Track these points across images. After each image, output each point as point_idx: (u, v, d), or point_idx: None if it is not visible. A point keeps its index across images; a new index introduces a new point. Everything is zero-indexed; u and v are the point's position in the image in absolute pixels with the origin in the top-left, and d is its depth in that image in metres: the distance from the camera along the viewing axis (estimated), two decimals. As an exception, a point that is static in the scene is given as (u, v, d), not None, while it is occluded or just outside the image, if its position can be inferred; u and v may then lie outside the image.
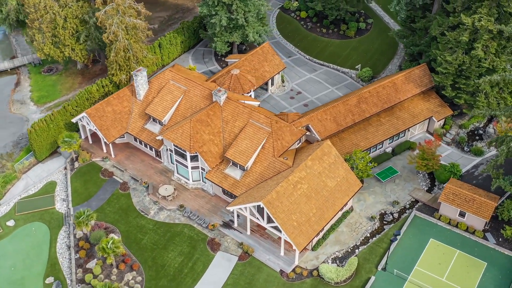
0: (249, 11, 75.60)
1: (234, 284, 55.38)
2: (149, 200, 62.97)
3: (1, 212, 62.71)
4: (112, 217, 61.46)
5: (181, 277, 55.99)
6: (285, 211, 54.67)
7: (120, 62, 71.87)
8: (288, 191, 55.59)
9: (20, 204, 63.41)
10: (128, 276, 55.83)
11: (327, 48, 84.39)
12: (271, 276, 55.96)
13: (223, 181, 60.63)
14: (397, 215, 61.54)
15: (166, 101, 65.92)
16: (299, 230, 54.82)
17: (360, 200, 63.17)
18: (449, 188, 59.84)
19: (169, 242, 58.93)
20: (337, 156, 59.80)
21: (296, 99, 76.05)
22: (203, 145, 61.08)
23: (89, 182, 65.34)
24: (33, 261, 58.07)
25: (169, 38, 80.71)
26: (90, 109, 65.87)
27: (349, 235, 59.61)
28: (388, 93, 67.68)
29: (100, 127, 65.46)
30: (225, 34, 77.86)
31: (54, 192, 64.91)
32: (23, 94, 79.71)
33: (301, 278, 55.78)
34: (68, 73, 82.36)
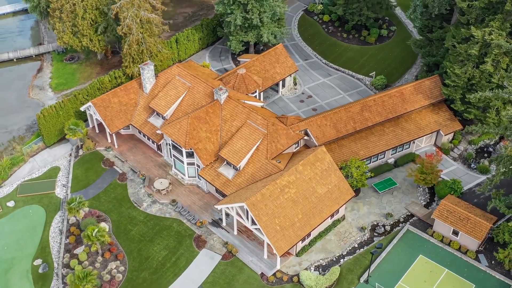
0: (264, 12, 75.45)
1: (213, 282, 55.55)
2: (144, 193, 63.88)
3: (4, 193, 64.86)
4: (106, 206, 62.68)
5: (162, 270, 56.59)
6: (268, 214, 54.42)
7: (134, 55, 73.12)
8: (274, 194, 55.29)
9: (22, 186, 65.45)
10: (112, 265, 56.86)
11: (345, 53, 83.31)
12: (252, 278, 55.85)
13: (215, 179, 60.86)
14: (389, 227, 60.23)
15: (170, 96, 66.65)
16: (281, 235, 54.46)
17: (354, 209, 62.17)
18: (444, 204, 58.16)
19: (157, 235, 59.63)
20: (330, 163, 59.04)
21: (306, 102, 75.46)
22: (199, 142, 61.46)
23: (90, 170, 66.83)
24: (26, 242, 59.86)
25: (187, 34, 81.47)
26: (96, 99, 67.32)
27: (337, 244, 58.78)
28: (394, 103, 66.26)
29: (104, 117, 66.82)
30: (240, 33, 78.00)
31: (56, 177, 66.68)
32: (43, 80, 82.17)
33: (281, 283, 55.41)
34: (88, 62, 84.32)
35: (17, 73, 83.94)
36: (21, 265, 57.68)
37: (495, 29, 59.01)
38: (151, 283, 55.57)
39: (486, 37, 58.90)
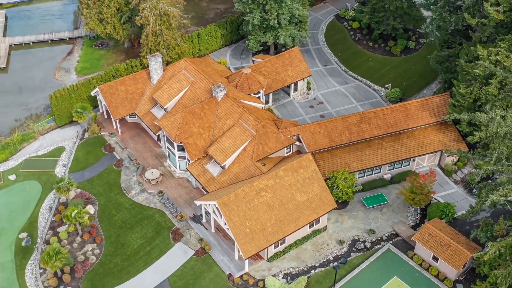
0: (282, 13, 74.97)
1: (180, 276, 56.06)
2: (135, 181, 65.24)
3: (8, 166, 68.07)
4: (97, 189, 64.50)
5: (135, 258, 57.67)
6: (239, 216, 54.23)
7: (151, 46, 74.71)
8: (249, 197, 55.02)
9: (26, 162, 68.45)
10: (89, 247, 58.55)
11: (367, 62, 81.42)
12: (219, 277, 55.91)
13: (201, 175, 61.28)
14: (369, 244, 58.52)
15: (173, 89, 67.63)
16: (250, 238, 54.16)
17: (338, 221, 60.87)
18: (427, 227, 55.90)
19: (138, 223, 60.79)
20: (315, 172, 58.04)
21: (315, 108, 74.45)
22: (190, 136, 62.05)
23: (91, 153, 68.95)
24: (17, 215, 62.58)
25: (209, 30, 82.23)
26: (104, 85, 69.32)
27: (311, 254, 57.79)
28: (396, 117, 64.19)
29: (109, 104, 68.71)
30: (259, 33, 77.92)
31: (59, 156, 69.24)
32: (70, 63, 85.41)
33: (246, 286, 55.15)
34: (115, 50, 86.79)
35: (48, 54, 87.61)
36: (8, 236, 60.37)
37: (503, 49, 55.90)
38: (121, 269, 56.77)
39: (491, 57, 55.93)
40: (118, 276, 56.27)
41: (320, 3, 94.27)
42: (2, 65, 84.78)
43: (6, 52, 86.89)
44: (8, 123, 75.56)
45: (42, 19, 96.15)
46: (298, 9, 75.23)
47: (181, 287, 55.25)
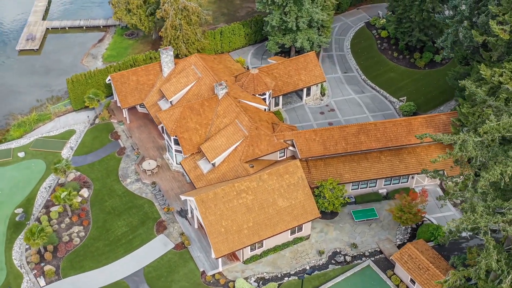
0: (301, 17, 74.21)
1: (156, 268, 56.79)
2: (133, 170, 66.56)
3: (20, 143, 71.00)
4: (96, 174, 66.27)
5: (116, 245, 58.90)
6: (216, 214, 54.31)
7: (170, 39, 75.95)
8: (228, 196, 54.99)
9: (37, 141, 71.20)
10: (75, 229, 60.31)
11: (388, 73, 79.35)
12: (192, 273, 56.27)
13: (192, 170, 61.79)
14: (350, 258, 57.15)
15: (180, 83, 68.44)
16: (224, 237, 54.14)
17: (322, 231, 59.82)
18: (408, 248, 54.02)
19: (126, 211, 62.03)
20: (301, 179, 57.23)
21: (326, 115, 73.34)
22: (186, 131, 62.65)
23: (97, 138, 70.91)
24: (18, 190, 65.15)
25: (233, 28, 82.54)
26: (115, 74, 71.07)
27: (288, 262, 57.10)
28: (397, 132, 62.26)
29: (119, 92, 70.37)
30: (278, 35, 77.54)
31: (68, 139, 71.57)
32: (99, 50, 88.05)
33: (217, 284, 55.20)
34: (143, 41, 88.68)
35: (81, 40, 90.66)
36: (5, 210, 63.00)
37: (508, 71, 53.07)
38: (101, 254, 58.14)
39: (494, 78, 53.23)
40: (97, 260, 57.66)
41: (353, 9, 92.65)
42: (36, 47, 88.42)
43: (42, 35, 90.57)
44: (30, 102, 78.80)
45: (83, 5, 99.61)
46: (318, 13, 74.22)
47: (154, 278, 55.95)
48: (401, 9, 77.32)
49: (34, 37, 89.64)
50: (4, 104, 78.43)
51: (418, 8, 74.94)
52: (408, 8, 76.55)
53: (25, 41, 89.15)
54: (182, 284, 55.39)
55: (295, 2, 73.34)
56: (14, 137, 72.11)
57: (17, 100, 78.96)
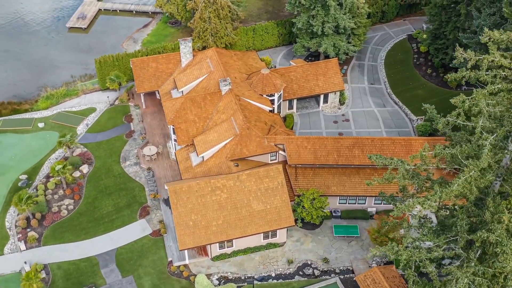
0: (328, 22, 72.69)
1: (127, 250, 58.24)
2: (134, 153, 68.42)
3: (43, 115, 74.90)
4: (100, 153, 68.77)
5: (98, 223, 60.93)
6: (187, 207, 54.80)
7: (199, 31, 77.16)
8: (202, 191, 55.27)
9: (59, 114, 74.90)
10: (66, 201, 63.03)
11: (416, 89, 76.01)
12: (160, 261, 57.17)
13: (183, 161, 62.60)
14: (319, 273, 55.67)
15: (192, 75, 69.37)
16: (191, 231, 54.53)
17: (299, 241, 58.66)
18: (374, 272, 51.85)
19: (116, 192, 63.94)
20: (281, 185, 56.38)
21: (339, 125, 71.58)
22: (183, 122, 63.51)
23: (112, 119, 73.47)
24: (29, 158, 68.82)
25: (266, 26, 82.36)
26: (136, 59, 73.19)
27: (255, 265, 56.57)
28: (395, 151, 59.64)
29: (136, 77, 72.44)
30: (305, 38, 76.46)
31: (87, 116, 74.68)
32: (140, 35, 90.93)
33: (180, 276, 55.78)
34: (184, 30, 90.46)
35: (128, 24, 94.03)
36: (11, 174, 66.92)
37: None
38: (83, 229, 60.39)
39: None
40: (77, 234, 59.97)
41: (399, 20, 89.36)
42: (84, 25, 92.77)
43: (93, 15, 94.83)
44: (65, 77, 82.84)
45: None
46: (345, 20, 72.33)
47: (124, 260, 57.43)
48: (436, 24, 73.76)
49: (84, 16, 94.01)
50: (42, 76, 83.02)
51: (453, 25, 71.11)
52: (444, 24, 72.84)
53: (76, 19, 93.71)
54: (148, 270, 56.42)
55: (323, 6, 71.93)
56: (40, 108, 76.20)
57: (54, 74, 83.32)
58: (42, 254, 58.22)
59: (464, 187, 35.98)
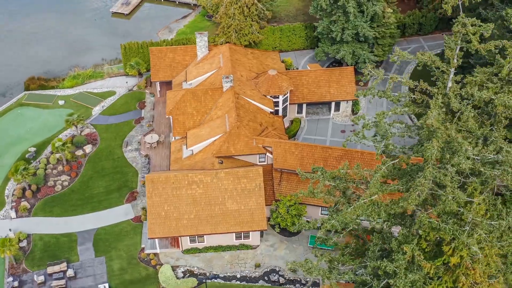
0: (347, 28, 70.95)
1: (106, 232, 59.87)
2: (138, 139, 70.02)
3: (67, 93, 77.96)
4: (106, 135, 70.91)
5: (87, 202, 62.95)
6: (161, 197, 55.53)
7: (224, 27, 77.72)
8: (178, 184, 55.83)
9: (80, 94, 77.87)
10: (62, 177, 65.54)
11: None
12: (134, 246, 58.38)
13: (174, 152, 63.42)
14: (284, 281, 54.79)
15: (203, 69, 70.01)
16: (161, 221, 55.24)
17: (273, 246, 58.03)
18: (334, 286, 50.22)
19: (111, 174, 65.76)
20: (258, 187, 55.95)
21: (345, 134, 69.86)
22: (181, 114, 64.34)
23: (126, 104, 75.52)
24: (42, 133, 71.99)
25: (294, 27, 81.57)
26: (155, 48, 74.76)
27: (223, 264, 56.51)
28: (384, 167, 57.33)
29: (153, 65, 73.97)
30: (326, 43, 75.05)
31: (106, 99, 77.15)
32: (177, 26, 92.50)
33: (147, 263, 56.72)
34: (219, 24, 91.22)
35: (168, 13, 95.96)
36: (22, 145, 70.24)
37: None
38: (71, 205, 62.62)
39: None
40: (65, 209, 62.30)
41: (437, 34, 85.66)
42: (127, 12, 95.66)
43: (137, 2, 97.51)
44: (96, 59, 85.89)
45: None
46: (365, 29, 70.23)
47: (100, 240, 59.10)
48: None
49: (128, 3, 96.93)
50: (75, 56, 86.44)
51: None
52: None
53: (120, 5, 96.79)
54: (120, 254, 57.77)
55: (344, 12, 70.28)
56: (65, 86, 79.55)
57: (87, 55, 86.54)
58: (29, 224, 60.93)
59: (367, 211, 34.51)
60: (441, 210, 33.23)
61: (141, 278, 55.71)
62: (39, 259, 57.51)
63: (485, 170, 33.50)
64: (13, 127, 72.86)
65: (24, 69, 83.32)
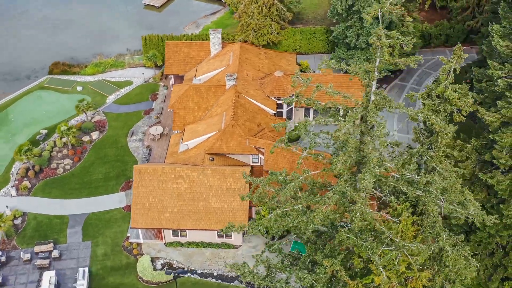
0: (362, 35, 69.57)
1: (97, 217, 61.20)
2: (144, 130, 71.15)
3: (86, 79, 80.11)
4: (115, 123, 72.40)
5: (85, 187, 64.49)
6: (147, 188, 56.29)
7: (243, 24, 77.89)
8: (165, 177, 56.43)
9: (98, 82, 79.83)
10: (65, 161, 67.45)
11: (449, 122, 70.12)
12: (120, 234, 59.43)
13: (172, 146, 64.12)
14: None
15: (212, 65, 70.38)
16: (145, 212, 56.00)
17: (255, 248, 57.80)
18: (302, 295, 49.56)
19: (112, 162, 67.11)
20: (243, 187, 55.84)
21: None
22: (183, 108, 64.94)
23: (140, 95, 76.87)
24: (57, 116, 74.05)
25: (315, 30, 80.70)
26: (171, 42, 75.64)
27: (202, 260, 56.75)
28: (374, 179, 55.97)
29: (167, 58, 74.92)
30: (342, 48, 73.86)
31: (121, 88, 78.79)
32: (205, 21, 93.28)
33: (130, 252, 57.61)
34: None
35: (199, 8, 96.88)
36: (36, 126, 72.57)
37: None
38: (69, 189, 64.29)
39: None
40: (63, 192, 64.07)
41: (466, 46, 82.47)
42: (158, 4, 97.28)
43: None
44: (121, 49, 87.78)
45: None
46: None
47: (90, 225, 60.47)
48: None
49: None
50: (101, 44, 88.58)
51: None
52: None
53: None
54: (105, 240, 58.95)
55: (359, 18, 68.94)
56: (86, 73, 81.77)
57: (113, 44, 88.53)
58: (27, 203, 63.04)
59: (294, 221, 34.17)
60: (359, 228, 32.30)
61: (122, 265, 56.64)
62: (29, 238, 59.42)
63: (407, 190, 32.33)
64: (31, 109, 75.52)
65: (52, 54, 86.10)
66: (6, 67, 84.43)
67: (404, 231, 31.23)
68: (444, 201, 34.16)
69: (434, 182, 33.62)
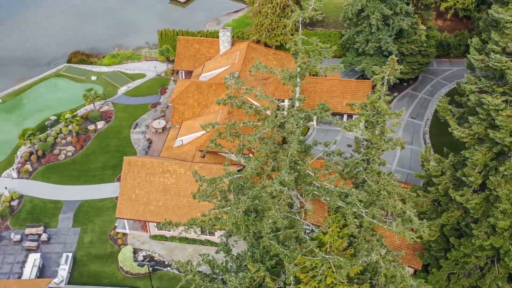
0: (371, 41, 68.34)
1: (90, 206, 62.41)
2: (148, 123, 72.05)
3: (102, 70, 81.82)
4: (121, 115, 73.57)
5: (82, 174, 65.85)
6: (134, 180, 56.99)
7: (257, 24, 77.82)
8: (153, 170, 56.99)
9: (113, 73, 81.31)
10: (68, 148, 69.03)
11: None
12: (108, 223, 60.41)
13: (169, 140, 64.67)
14: (236, 283, 54.28)
15: (219, 63, 70.61)
16: (130, 203, 56.71)
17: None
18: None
19: (112, 152, 68.26)
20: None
21: (352, 149, 67.43)
22: (182, 104, 65.43)
23: (149, 88, 77.89)
24: (69, 103, 75.81)
25: (329, 34, 79.94)
26: (183, 37, 76.33)
27: (183, 256, 56.94)
28: (361, 187, 54.90)
29: (178, 54, 75.66)
30: (352, 53, 72.74)
31: (134, 80, 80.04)
32: (226, 19, 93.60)
33: (114, 242, 58.51)
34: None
35: (223, 6, 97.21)
36: (46, 113, 74.43)
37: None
38: (68, 175, 65.78)
39: None
40: (62, 178, 65.60)
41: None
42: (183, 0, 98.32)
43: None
44: (140, 42, 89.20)
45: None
46: (388, 43, 67.23)
47: (81, 212, 61.73)
48: (492, 69, 64.83)
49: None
50: (122, 36, 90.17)
51: None
52: None
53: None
54: (94, 228, 60.05)
55: (370, 24, 67.72)
56: (103, 63, 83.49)
57: (133, 37, 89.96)
58: (26, 186, 64.85)
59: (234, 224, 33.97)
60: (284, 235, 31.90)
61: (105, 254, 57.55)
62: (22, 220, 61.12)
63: (331, 200, 31.69)
64: (45, 95, 77.62)
65: (74, 42, 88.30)
66: (29, 53, 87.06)
67: (332, 242, 30.51)
68: (366, 214, 33.17)
69: (351, 194, 32.76)
